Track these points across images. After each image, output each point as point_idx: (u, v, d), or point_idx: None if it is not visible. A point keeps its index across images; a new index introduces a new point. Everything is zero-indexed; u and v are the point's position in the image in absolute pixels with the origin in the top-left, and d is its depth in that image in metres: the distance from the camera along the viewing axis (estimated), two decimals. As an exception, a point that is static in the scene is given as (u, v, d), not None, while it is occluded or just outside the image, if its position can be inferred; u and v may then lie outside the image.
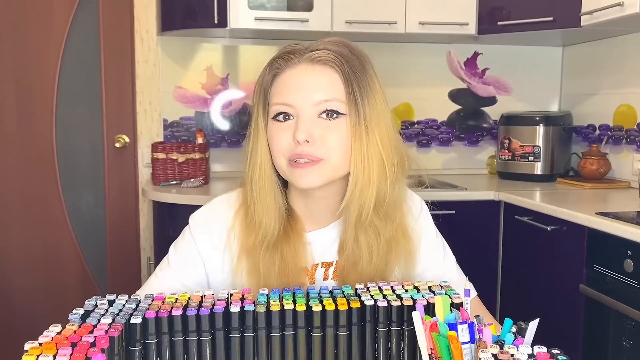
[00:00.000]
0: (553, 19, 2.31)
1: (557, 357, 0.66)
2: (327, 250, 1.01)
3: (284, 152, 0.92)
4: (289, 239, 0.97)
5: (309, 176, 0.91)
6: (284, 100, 0.92)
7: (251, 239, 0.97)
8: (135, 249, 2.72)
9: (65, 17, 2.59)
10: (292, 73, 0.93)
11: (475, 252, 2.28)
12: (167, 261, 1.02)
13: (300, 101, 0.91)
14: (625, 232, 1.63)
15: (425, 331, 0.71)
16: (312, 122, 0.91)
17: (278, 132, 0.93)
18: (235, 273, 0.98)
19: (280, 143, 0.92)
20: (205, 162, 2.51)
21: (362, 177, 0.91)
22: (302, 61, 0.93)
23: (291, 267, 0.96)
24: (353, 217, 0.94)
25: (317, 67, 0.93)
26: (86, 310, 0.78)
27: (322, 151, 0.90)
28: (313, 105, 0.91)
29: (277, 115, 0.93)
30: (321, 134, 0.91)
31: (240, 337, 0.76)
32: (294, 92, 0.92)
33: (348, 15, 2.43)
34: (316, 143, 0.90)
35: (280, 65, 0.94)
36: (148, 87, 2.67)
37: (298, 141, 0.89)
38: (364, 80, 0.93)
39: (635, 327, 1.63)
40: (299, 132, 0.89)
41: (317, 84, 0.92)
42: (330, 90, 0.91)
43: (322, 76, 0.92)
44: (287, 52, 0.95)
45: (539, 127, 2.57)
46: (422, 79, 2.89)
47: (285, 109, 0.92)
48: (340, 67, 0.92)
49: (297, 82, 0.92)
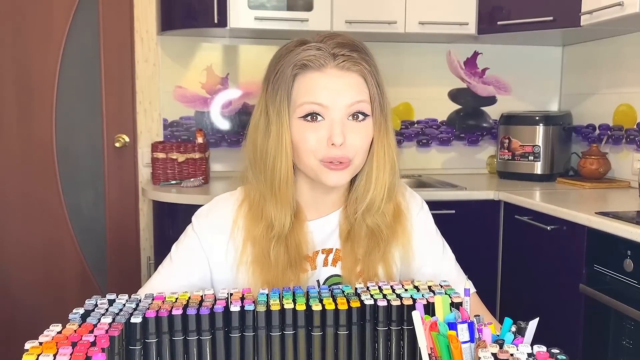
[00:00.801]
0: (553, 18, 2.31)
1: (557, 357, 0.66)
2: (328, 238, 1.04)
3: (315, 152, 0.94)
4: (294, 229, 0.99)
5: (339, 176, 0.95)
6: (315, 99, 0.93)
7: (257, 230, 0.99)
8: (135, 248, 2.72)
9: (65, 16, 2.59)
10: (319, 76, 0.94)
11: (475, 251, 2.27)
12: (170, 259, 1.03)
13: (332, 101, 0.93)
14: (625, 231, 1.63)
15: (425, 331, 0.71)
16: (343, 124, 0.93)
17: (307, 132, 0.94)
18: (239, 264, 1.00)
19: (310, 143, 0.93)
20: (205, 162, 2.51)
21: (382, 176, 0.98)
22: (329, 65, 0.94)
23: (295, 255, 0.98)
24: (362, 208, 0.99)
25: (345, 72, 0.95)
26: (86, 309, 0.78)
27: (352, 152, 0.94)
28: (346, 106, 0.94)
29: (307, 115, 0.94)
30: (350, 136, 0.94)
31: (240, 337, 0.76)
32: (326, 92, 0.93)
33: (348, 15, 2.43)
34: (347, 144, 0.93)
35: (305, 64, 0.94)
36: (148, 86, 2.67)
37: (334, 144, 0.92)
38: (379, 77, 0.97)
39: (634, 326, 1.63)
40: (336, 136, 0.92)
41: (346, 86, 0.94)
42: (357, 92, 0.95)
43: (350, 79, 0.95)
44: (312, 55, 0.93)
45: (538, 127, 2.57)
46: (422, 79, 2.89)
47: (317, 108, 0.93)
48: (364, 70, 0.95)
49: (326, 83, 0.94)
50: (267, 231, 0.98)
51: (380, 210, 1.00)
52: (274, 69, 0.97)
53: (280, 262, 0.97)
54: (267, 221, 0.98)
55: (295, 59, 0.94)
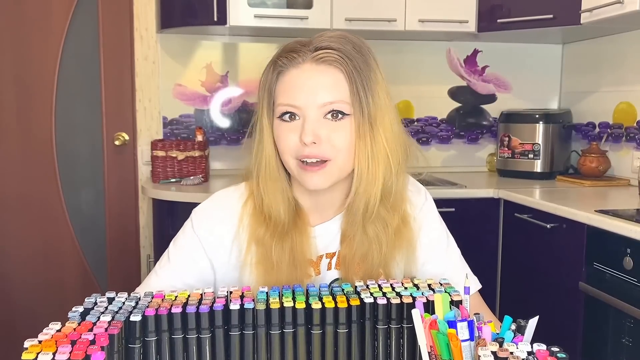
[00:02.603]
0: (553, 16, 2.31)
1: (557, 355, 0.66)
2: (331, 242, 1.02)
3: (291, 152, 0.93)
4: (298, 231, 0.98)
5: (317, 178, 0.93)
6: (290, 101, 0.93)
7: (262, 230, 0.98)
8: (135, 246, 2.72)
9: (65, 14, 2.59)
10: (296, 73, 0.93)
11: (474, 249, 2.25)
12: (168, 258, 1.02)
13: (305, 102, 0.92)
14: (625, 229, 1.63)
15: (424, 329, 0.71)
16: (317, 123, 0.92)
17: (285, 132, 0.94)
18: (244, 263, 0.99)
19: (287, 143, 0.93)
20: (204, 160, 2.50)
21: (367, 174, 0.93)
22: (306, 60, 0.93)
23: (299, 259, 0.97)
24: (360, 211, 0.96)
25: (321, 67, 0.93)
26: (86, 307, 0.78)
27: (329, 151, 0.92)
28: (318, 107, 0.92)
29: (283, 115, 0.94)
30: (327, 135, 0.92)
31: (239, 335, 0.76)
32: (300, 93, 0.92)
33: (348, 13, 2.42)
34: (323, 143, 0.91)
35: (284, 63, 0.94)
36: (147, 84, 2.67)
37: (305, 142, 0.91)
38: (368, 76, 0.93)
39: (634, 324, 1.63)
40: (305, 134, 0.90)
41: (322, 85, 0.92)
42: (335, 91, 0.92)
43: (327, 76, 0.93)
44: (291, 51, 0.94)
45: (538, 125, 2.57)
46: (422, 77, 2.89)
47: (291, 109, 0.93)
48: (344, 66, 0.92)
49: (302, 82, 0.93)
50: (272, 231, 0.97)
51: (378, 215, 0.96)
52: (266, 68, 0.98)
53: (283, 267, 0.96)
54: (267, 217, 0.97)
55: (277, 57, 0.95)
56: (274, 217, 0.97)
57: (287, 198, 0.98)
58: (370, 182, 0.94)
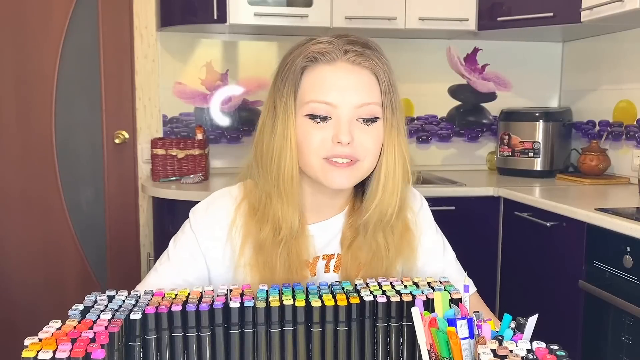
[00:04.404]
0: (553, 14, 2.31)
1: (556, 353, 0.66)
2: (329, 243, 1.01)
3: (318, 150, 0.90)
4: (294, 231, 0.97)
5: (343, 177, 0.91)
6: (324, 98, 0.90)
7: (261, 233, 0.95)
8: (135, 245, 2.72)
9: (64, 12, 2.59)
10: (329, 70, 0.91)
11: (474, 248, 2.28)
12: (167, 256, 1.02)
13: (341, 101, 0.90)
14: (625, 228, 1.63)
15: (424, 327, 0.71)
16: (352, 123, 0.90)
17: (313, 131, 0.90)
18: (237, 266, 0.98)
19: (314, 141, 0.90)
20: (204, 158, 2.50)
21: (392, 182, 0.93)
22: (339, 59, 0.92)
23: (295, 260, 0.96)
24: (374, 219, 0.95)
25: (356, 67, 0.92)
26: (86, 306, 0.78)
27: (360, 153, 0.91)
28: (355, 107, 0.90)
29: (314, 114, 0.90)
30: (359, 136, 0.91)
31: (239, 333, 0.76)
32: (335, 91, 0.90)
33: (348, 11, 2.42)
34: (355, 144, 0.90)
35: (316, 57, 0.91)
36: (147, 83, 2.66)
37: (340, 142, 0.89)
38: (393, 80, 0.94)
39: (634, 322, 1.63)
40: (343, 134, 0.88)
41: (358, 86, 0.91)
42: (370, 93, 0.92)
43: (362, 77, 0.92)
44: (321, 47, 0.92)
45: (538, 123, 2.57)
46: (422, 75, 2.88)
47: (325, 108, 0.90)
48: (376, 70, 0.92)
49: (336, 81, 0.91)
50: (273, 234, 0.94)
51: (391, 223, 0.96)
52: (284, 63, 0.95)
53: (279, 268, 0.95)
54: (274, 223, 0.94)
55: (306, 52, 0.92)
56: (285, 223, 0.93)
57: (299, 204, 0.95)
58: (392, 191, 0.93)
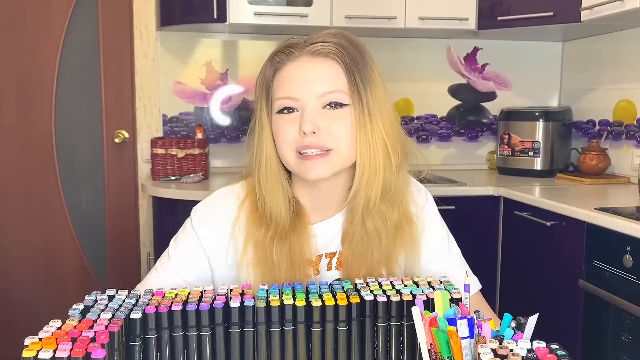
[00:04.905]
0: (553, 14, 2.31)
1: (556, 352, 0.66)
2: (331, 241, 1.02)
3: (290, 144, 0.93)
4: (296, 231, 0.98)
5: (318, 167, 0.92)
6: (288, 94, 0.93)
7: (261, 232, 0.97)
8: (135, 244, 2.72)
9: (64, 12, 2.59)
10: (293, 66, 0.94)
11: (474, 247, 2.26)
12: (168, 255, 1.02)
13: (304, 94, 0.92)
14: (625, 227, 1.63)
15: (424, 326, 0.71)
16: (317, 113, 0.92)
17: (284, 125, 0.93)
18: (240, 265, 0.98)
19: (286, 136, 0.93)
20: (204, 158, 2.50)
21: (369, 165, 0.93)
22: (303, 54, 0.94)
23: (298, 259, 0.97)
24: (360, 206, 0.95)
25: (318, 59, 0.94)
26: (86, 305, 0.78)
27: (330, 141, 0.92)
28: (317, 97, 0.92)
29: (281, 110, 0.94)
30: (326, 125, 0.92)
31: (240, 332, 0.76)
32: (297, 86, 0.92)
33: (347, 10, 2.42)
34: (322, 133, 0.91)
35: (281, 59, 0.95)
36: (147, 82, 2.66)
37: (304, 132, 0.90)
38: (365, 70, 0.94)
39: (634, 322, 1.63)
40: (305, 123, 0.90)
41: (320, 76, 0.93)
42: (333, 81, 0.93)
43: (324, 68, 0.93)
44: (287, 46, 0.96)
45: (538, 123, 2.57)
46: (422, 74, 2.88)
47: (290, 102, 0.93)
48: (341, 58, 0.93)
49: (300, 75, 0.93)
50: (269, 231, 0.96)
51: (378, 210, 0.96)
52: (261, 70, 0.99)
53: (282, 267, 0.95)
54: (267, 218, 0.96)
55: (274, 57, 0.96)
56: (275, 217, 0.96)
57: (288, 197, 0.98)
58: (372, 174, 0.93)
